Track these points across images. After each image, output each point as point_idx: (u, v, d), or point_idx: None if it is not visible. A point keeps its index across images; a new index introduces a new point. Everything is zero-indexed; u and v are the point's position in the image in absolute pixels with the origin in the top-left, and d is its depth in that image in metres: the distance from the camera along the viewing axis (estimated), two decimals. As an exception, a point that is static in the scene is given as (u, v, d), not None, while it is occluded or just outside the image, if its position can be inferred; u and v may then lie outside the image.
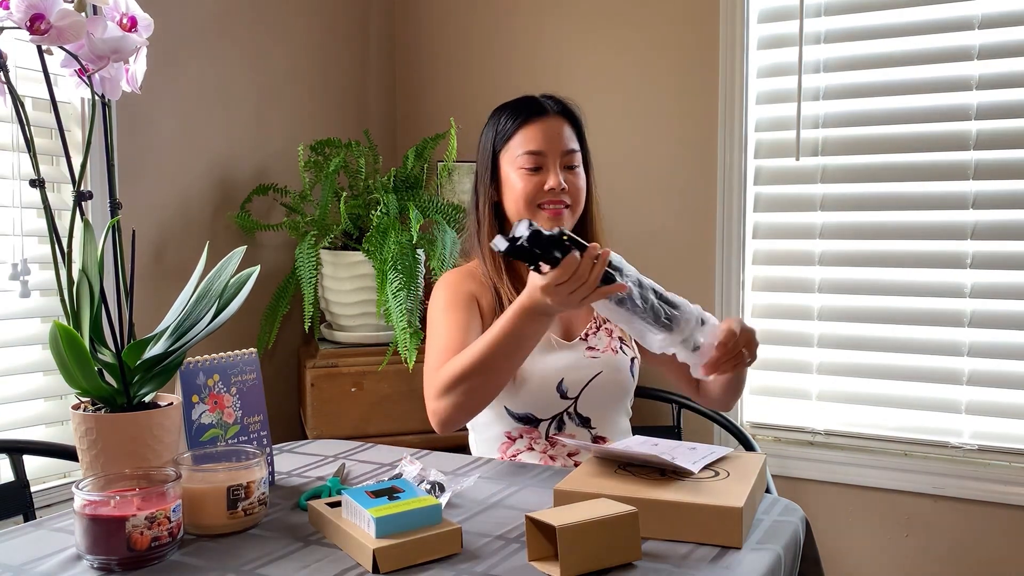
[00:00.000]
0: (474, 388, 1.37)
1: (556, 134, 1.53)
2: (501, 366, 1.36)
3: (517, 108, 1.56)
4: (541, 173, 1.51)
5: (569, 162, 1.54)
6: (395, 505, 1.00)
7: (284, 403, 2.35)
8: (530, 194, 1.51)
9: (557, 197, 1.51)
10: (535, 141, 1.52)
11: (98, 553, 0.96)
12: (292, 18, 2.36)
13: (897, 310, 2.11)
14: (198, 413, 1.19)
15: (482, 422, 1.56)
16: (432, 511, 1.01)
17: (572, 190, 1.53)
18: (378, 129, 2.60)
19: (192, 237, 2.09)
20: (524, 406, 1.51)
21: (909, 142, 2.08)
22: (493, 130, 1.58)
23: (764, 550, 1.02)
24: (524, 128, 1.53)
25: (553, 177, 1.50)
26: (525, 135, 1.53)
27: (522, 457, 1.52)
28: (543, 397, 1.50)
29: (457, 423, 1.42)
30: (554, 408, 1.51)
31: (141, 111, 1.94)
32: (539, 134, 1.52)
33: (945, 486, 2.05)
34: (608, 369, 1.54)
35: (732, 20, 2.19)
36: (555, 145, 1.52)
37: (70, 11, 1.01)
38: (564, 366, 1.51)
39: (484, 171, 1.58)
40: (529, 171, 1.51)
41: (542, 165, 1.52)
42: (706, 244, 2.26)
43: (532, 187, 1.51)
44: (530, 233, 1.18)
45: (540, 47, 2.47)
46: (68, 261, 1.10)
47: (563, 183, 1.51)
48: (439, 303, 1.55)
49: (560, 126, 1.54)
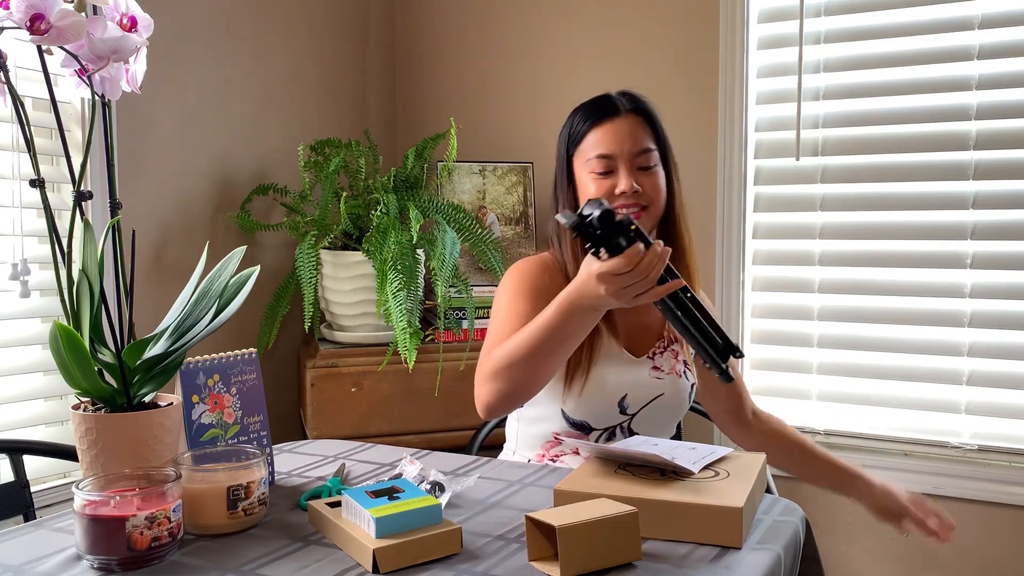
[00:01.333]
0: (517, 378, 1.34)
1: (626, 135, 1.46)
2: (544, 359, 1.32)
3: (588, 108, 1.51)
4: (612, 177, 1.46)
5: (643, 163, 1.47)
6: (395, 505, 1.00)
7: (284, 403, 2.35)
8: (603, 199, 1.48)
9: (630, 200, 1.44)
10: (604, 144, 1.46)
11: (98, 553, 0.96)
12: (292, 18, 2.36)
13: (897, 310, 2.11)
14: (198, 413, 1.19)
15: (533, 416, 1.52)
16: (432, 511, 1.01)
17: (647, 191, 1.46)
18: (378, 129, 2.60)
19: (192, 237, 2.09)
20: (583, 414, 1.48)
21: (909, 142, 2.08)
22: (567, 132, 1.53)
23: (764, 550, 1.02)
24: (594, 130, 1.48)
25: (624, 180, 1.44)
26: (595, 137, 1.47)
27: (564, 460, 1.49)
28: (603, 409, 1.47)
29: (501, 411, 1.39)
30: (610, 420, 1.49)
31: (141, 111, 1.94)
32: (609, 136, 1.47)
33: (945, 486, 2.05)
34: (670, 392, 1.51)
35: (732, 20, 2.19)
36: (625, 146, 1.46)
37: (70, 11, 1.01)
38: (629, 382, 1.48)
39: (560, 175, 1.53)
40: (600, 175, 1.46)
41: (613, 168, 1.46)
42: (706, 244, 2.26)
43: (603, 192, 1.45)
44: (601, 212, 1.14)
45: (540, 47, 2.47)
46: (68, 261, 1.10)
47: (635, 185, 1.44)
48: (507, 288, 1.50)
49: (631, 126, 1.47)
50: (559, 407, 1.48)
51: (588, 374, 1.45)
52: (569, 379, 1.46)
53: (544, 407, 1.50)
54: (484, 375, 1.38)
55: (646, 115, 1.50)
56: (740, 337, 2.24)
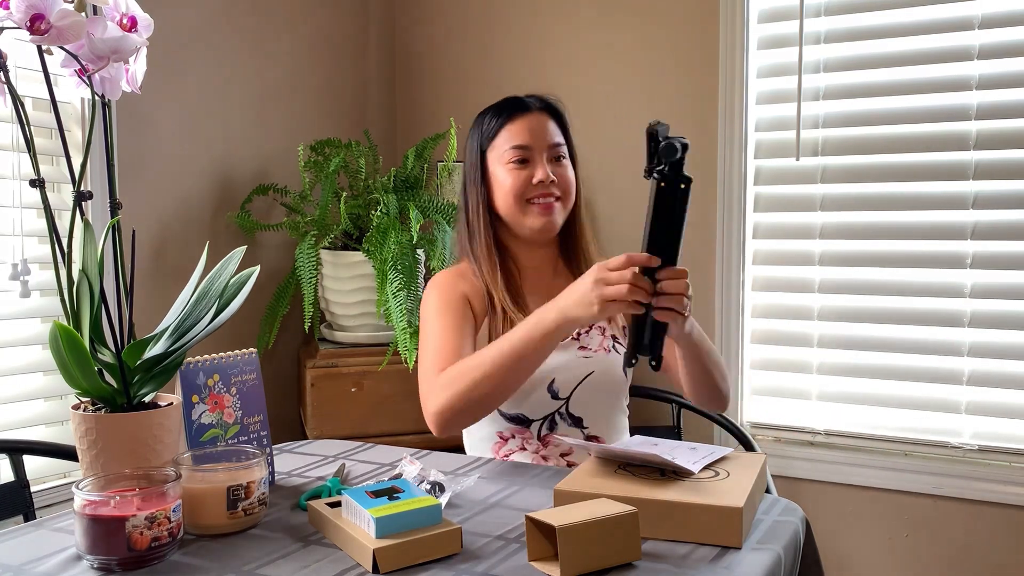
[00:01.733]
0: (482, 396, 1.35)
1: (541, 128, 1.54)
2: (513, 377, 1.35)
3: (500, 107, 1.58)
4: (528, 167, 1.52)
5: (556, 154, 1.55)
6: (395, 505, 1.00)
7: (284, 403, 2.35)
8: (519, 188, 1.51)
9: (547, 190, 1.52)
10: (520, 135, 1.53)
11: (98, 553, 0.96)
12: (292, 18, 2.36)
13: (897, 310, 2.11)
14: (198, 413, 1.19)
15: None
16: (432, 511, 1.01)
17: (561, 182, 1.54)
18: (378, 129, 2.60)
19: (192, 237, 2.09)
20: (515, 406, 1.50)
21: (909, 142, 2.08)
22: (478, 131, 1.59)
23: (764, 550, 1.02)
24: (508, 125, 1.54)
25: (541, 169, 1.51)
26: (510, 131, 1.54)
27: (514, 457, 1.51)
28: (534, 397, 1.49)
29: (458, 428, 1.43)
30: (545, 408, 1.51)
31: (141, 111, 1.94)
32: (524, 129, 1.53)
33: (945, 486, 2.05)
34: (600, 369, 1.52)
35: (732, 20, 2.19)
36: (541, 139, 1.53)
37: (70, 11, 1.01)
38: (555, 366, 1.49)
39: (473, 172, 1.59)
40: (516, 164, 1.52)
41: (529, 159, 1.53)
42: (706, 244, 2.26)
43: (521, 182, 1.51)
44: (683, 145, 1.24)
45: (540, 47, 2.47)
46: (68, 261, 1.10)
47: (552, 175, 1.52)
48: (431, 305, 1.53)
49: (544, 120, 1.55)
50: None
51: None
52: None
53: None
54: (439, 396, 1.38)
55: (554, 113, 1.58)
56: (740, 337, 2.24)
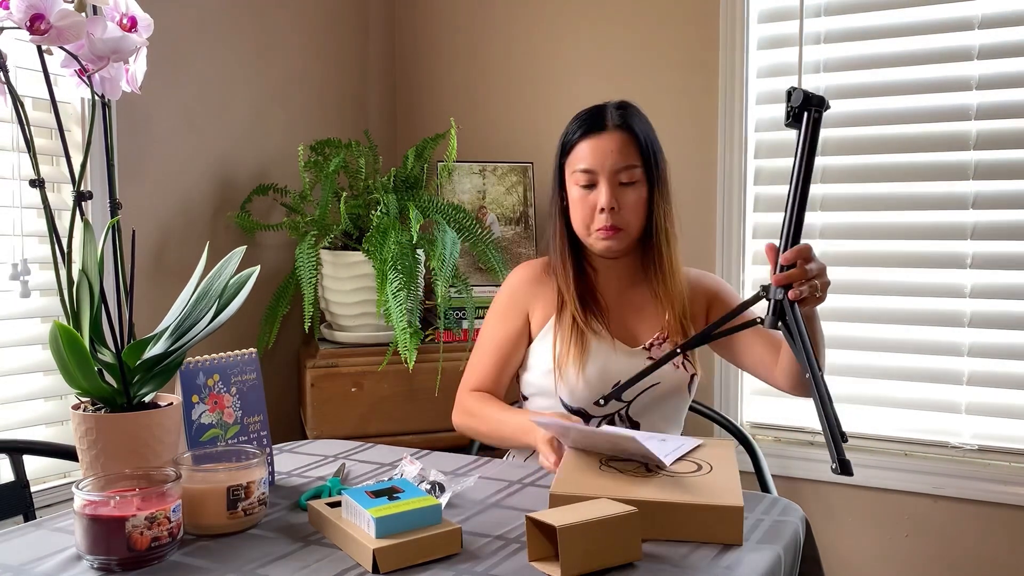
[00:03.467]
0: (480, 437, 1.61)
1: (609, 151, 1.51)
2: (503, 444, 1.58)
3: (581, 119, 1.56)
4: (594, 191, 1.52)
5: (625, 179, 1.52)
6: (395, 505, 1.00)
7: (284, 403, 2.35)
8: (585, 219, 1.53)
9: (608, 221, 1.50)
10: (588, 158, 1.52)
11: (98, 553, 0.96)
12: (292, 18, 2.36)
13: (897, 310, 2.11)
14: (198, 413, 1.19)
15: (540, 406, 1.60)
16: (432, 511, 1.01)
17: (624, 209, 1.52)
18: (378, 129, 2.60)
19: (192, 237, 2.09)
20: (579, 401, 1.54)
21: (909, 142, 2.08)
22: (562, 140, 1.59)
23: (764, 550, 1.02)
24: (582, 142, 1.53)
25: (603, 196, 1.50)
26: (582, 150, 1.53)
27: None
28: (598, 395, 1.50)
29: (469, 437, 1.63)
30: (608, 408, 1.54)
31: (141, 111, 1.94)
32: (594, 150, 1.51)
33: (945, 486, 2.05)
34: (667, 381, 1.55)
35: (732, 20, 2.19)
36: (608, 162, 1.51)
37: (70, 11, 1.01)
38: (623, 370, 1.52)
39: (554, 178, 1.60)
40: (583, 188, 1.53)
41: (595, 183, 1.52)
42: (706, 244, 2.26)
43: (586, 211, 1.53)
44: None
45: (540, 47, 2.47)
46: (68, 261, 1.10)
47: (613, 201, 1.50)
48: (496, 305, 1.65)
49: (617, 142, 1.51)
50: (559, 396, 1.56)
51: (584, 364, 1.52)
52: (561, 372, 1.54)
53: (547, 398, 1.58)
54: (458, 409, 1.62)
55: (632, 132, 1.53)
56: (740, 337, 2.24)
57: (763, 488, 1.73)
